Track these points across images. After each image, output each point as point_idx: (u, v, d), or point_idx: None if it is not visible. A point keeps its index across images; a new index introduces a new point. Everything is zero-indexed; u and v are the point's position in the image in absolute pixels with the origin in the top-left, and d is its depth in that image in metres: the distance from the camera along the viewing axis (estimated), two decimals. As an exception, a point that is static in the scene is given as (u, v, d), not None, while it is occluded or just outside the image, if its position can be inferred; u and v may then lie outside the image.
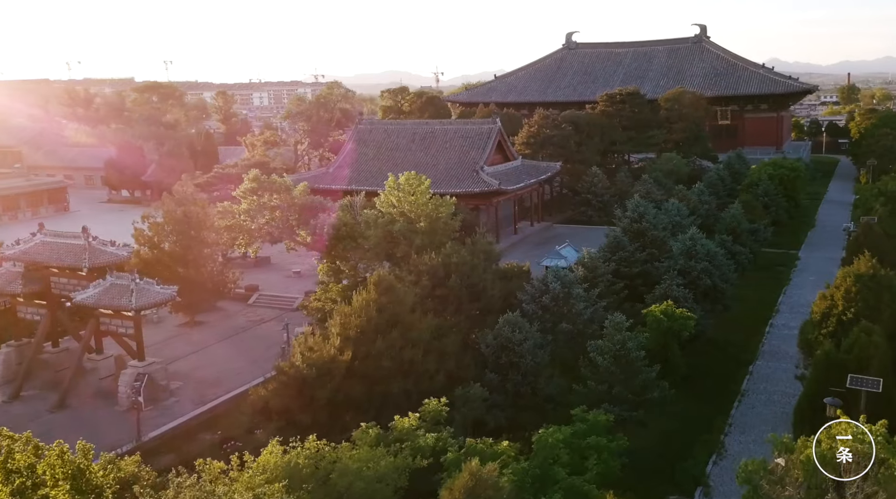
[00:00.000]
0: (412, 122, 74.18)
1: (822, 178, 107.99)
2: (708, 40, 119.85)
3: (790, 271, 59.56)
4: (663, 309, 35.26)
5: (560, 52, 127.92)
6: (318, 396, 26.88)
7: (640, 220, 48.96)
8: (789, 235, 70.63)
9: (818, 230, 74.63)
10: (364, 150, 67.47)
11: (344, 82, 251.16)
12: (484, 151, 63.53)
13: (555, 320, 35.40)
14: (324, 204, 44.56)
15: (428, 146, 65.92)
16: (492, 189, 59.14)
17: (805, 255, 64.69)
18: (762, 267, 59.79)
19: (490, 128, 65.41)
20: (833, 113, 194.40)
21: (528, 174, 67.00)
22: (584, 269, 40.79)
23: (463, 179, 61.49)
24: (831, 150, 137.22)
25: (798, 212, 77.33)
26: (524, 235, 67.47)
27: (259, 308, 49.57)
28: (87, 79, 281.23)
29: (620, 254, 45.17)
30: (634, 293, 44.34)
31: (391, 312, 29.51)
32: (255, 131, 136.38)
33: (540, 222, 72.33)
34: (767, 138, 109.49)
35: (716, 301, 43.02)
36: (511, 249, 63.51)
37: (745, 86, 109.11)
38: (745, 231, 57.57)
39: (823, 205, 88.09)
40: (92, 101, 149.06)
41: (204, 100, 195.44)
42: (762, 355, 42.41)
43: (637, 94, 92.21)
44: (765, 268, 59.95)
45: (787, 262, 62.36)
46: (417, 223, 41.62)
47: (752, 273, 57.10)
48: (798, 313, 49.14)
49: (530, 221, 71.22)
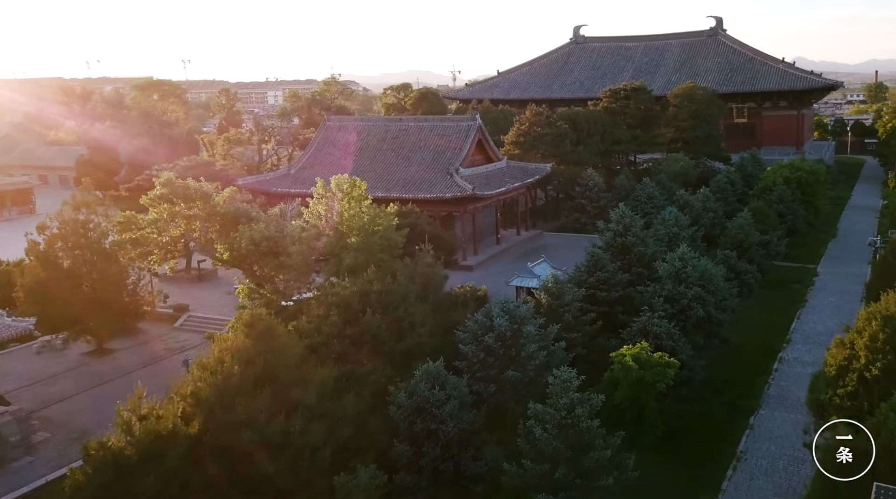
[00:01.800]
0: (385, 119, 66.66)
1: (846, 180, 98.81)
2: (724, 33, 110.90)
3: (807, 290, 51.22)
4: (636, 354, 27.46)
5: (567, 46, 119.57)
6: (144, 486, 19.48)
7: (626, 233, 41.07)
8: (807, 246, 62.15)
9: (840, 241, 65.97)
10: (330, 149, 60.06)
11: (368, 81, 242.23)
12: (461, 152, 55.83)
13: (500, 366, 27.77)
14: (249, 213, 37.13)
15: (400, 146, 58.34)
16: (465, 194, 51.43)
17: (825, 270, 56.24)
18: (774, 284, 51.56)
19: (469, 125, 57.67)
20: (859, 112, 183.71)
21: (513, 177, 59.20)
22: (547, 296, 33.02)
23: (435, 182, 53.88)
24: (857, 150, 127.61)
25: (818, 219, 68.68)
26: (508, 246, 59.68)
27: (185, 332, 42.32)
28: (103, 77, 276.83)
29: (599, 275, 37.31)
30: (615, 323, 36.57)
31: (264, 365, 22.04)
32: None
33: (528, 230, 64.47)
34: (787, 138, 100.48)
35: (710, 334, 35.06)
36: (490, 261, 55.80)
37: (763, 81, 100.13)
38: (755, 244, 49.37)
39: (847, 211, 79.22)
40: (89, 98, 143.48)
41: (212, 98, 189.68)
42: (767, 402, 34.37)
43: (643, 89, 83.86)
44: (777, 285, 51.70)
45: (804, 278, 53.99)
46: (349, 238, 34.12)
47: (762, 291, 48.98)
48: (814, 344, 41.00)
49: (517, 228, 63.38)
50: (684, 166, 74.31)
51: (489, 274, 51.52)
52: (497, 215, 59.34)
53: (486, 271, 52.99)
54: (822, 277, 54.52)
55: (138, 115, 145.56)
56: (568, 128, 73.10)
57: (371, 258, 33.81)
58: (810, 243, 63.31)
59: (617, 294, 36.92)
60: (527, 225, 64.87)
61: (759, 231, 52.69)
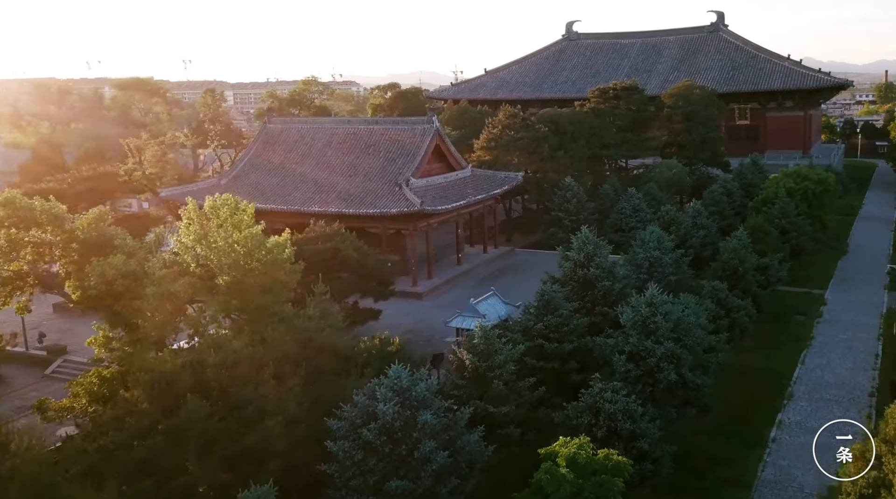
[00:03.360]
0: (332, 120, 58.63)
1: (857, 187, 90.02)
2: (726, 29, 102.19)
3: (813, 324, 42.88)
4: (572, 455, 19.33)
5: (559, 43, 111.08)
6: None
7: (588, 263, 32.88)
8: (813, 266, 53.73)
9: (852, 258, 57.51)
10: (270, 155, 52.07)
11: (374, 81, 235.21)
12: (413, 159, 47.73)
13: (384, 471, 19.71)
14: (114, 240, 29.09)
15: (347, 151, 50.27)
16: (412, 210, 43.38)
17: (834, 297, 47.88)
18: (775, 315, 43.26)
19: (424, 129, 49.53)
20: (869, 112, 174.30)
21: (478, 188, 51.08)
22: (471, 357, 24.90)
23: (382, 195, 45.85)
24: (868, 153, 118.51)
25: (825, 234, 60.15)
26: (471, 266, 51.55)
27: (56, 381, 34.45)
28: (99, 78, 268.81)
29: (550, 320, 29.11)
30: (566, 384, 28.51)
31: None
32: (242, 130, 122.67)
33: (497, 248, 56.25)
34: (793, 140, 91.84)
35: (686, 402, 26.89)
36: (445, 287, 47.68)
37: (767, 80, 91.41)
38: (751, 270, 41.06)
39: (858, 223, 70.64)
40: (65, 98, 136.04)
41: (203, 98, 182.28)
42: (761, 491, 26.18)
43: (635, 88, 75.52)
44: (778, 317, 43.39)
45: (810, 307, 45.65)
46: (219, 276, 26.14)
47: (761, 324, 40.76)
48: (821, 401, 32.81)
49: (484, 245, 55.21)
50: (677, 173, 65.95)
51: (440, 304, 43.45)
52: (458, 232, 51.17)
53: (437, 300, 44.93)
54: (831, 305, 46.15)
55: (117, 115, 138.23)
56: (548, 131, 64.94)
57: (248, 304, 25.85)
58: (817, 262, 54.88)
59: (571, 345, 28.73)
60: (496, 241, 56.65)
61: (758, 252, 44.37)
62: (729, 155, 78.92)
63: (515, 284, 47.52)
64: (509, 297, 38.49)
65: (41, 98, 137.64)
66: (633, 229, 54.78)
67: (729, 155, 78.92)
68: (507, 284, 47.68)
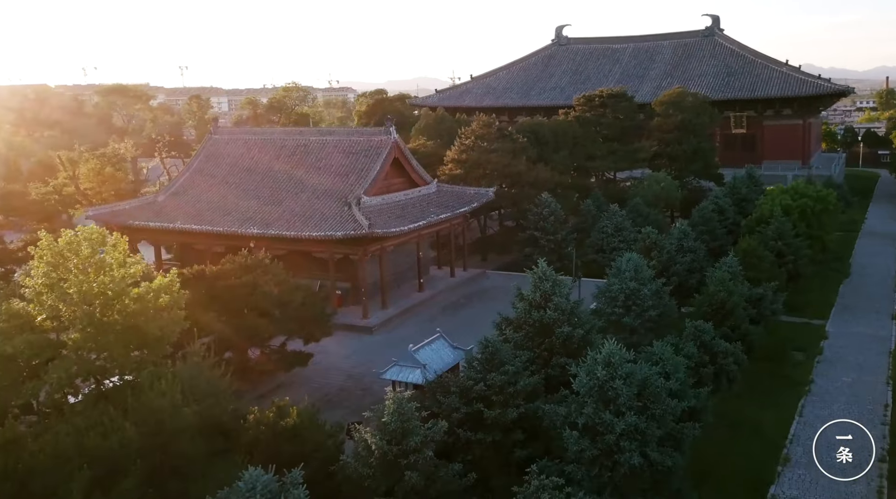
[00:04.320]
0: (282, 131, 53.27)
1: (859, 199, 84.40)
2: (721, 33, 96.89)
3: (812, 363, 37.42)
4: None
5: (549, 48, 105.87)
6: None
7: (545, 304, 27.53)
8: (813, 291, 48.32)
9: (855, 282, 52.03)
10: (213, 170, 46.79)
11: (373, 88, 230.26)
12: (367, 174, 42.44)
13: None
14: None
15: (296, 165, 44.98)
16: (359, 233, 38.08)
17: (836, 329, 42.44)
18: (769, 354, 37.69)
19: (381, 141, 44.21)
20: (870, 119, 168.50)
21: (443, 206, 45.80)
22: (381, 439, 19.53)
23: (329, 215, 40.56)
24: (870, 162, 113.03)
25: (825, 254, 54.58)
26: (434, 293, 46.21)
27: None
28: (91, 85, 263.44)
29: (494, 378, 23.74)
30: (510, 461, 23.16)
31: None
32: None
33: (466, 270, 50.86)
34: (792, 150, 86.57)
35: (656, 491, 21.49)
36: (402, 318, 42.29)
37: (764, 87, 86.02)
38: (742, 304, 35.67)
39: (861, 239, 65.14)
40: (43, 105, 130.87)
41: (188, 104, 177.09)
42: None
43: (623, 96, 70.20)
44: (773, 355, 37.78)
45: (809, 342, 40.21)
46: (70, 330, 20.83)
47: (753, 362, 35.33)
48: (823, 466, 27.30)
49: (451, 268, 49.88)
50: (666, 187, 60.63)
51: (393, 339, 38.05)
52: (419, 255, 45.80)
53: (390, 334, 39.56)
54: (832, 340, 40.70)
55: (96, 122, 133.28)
56: (527, 141, 59.70)
57: (112, 363, 20.55)
58: (817, 286, 49.45)
59: (517, 411, 23.36)
60: (465, 263, 51.23)
61: (750, 280, 38.99)
62: (724, 165, 73.80)
63: (481, 314, 42.03)
64: (471, 330, 33.14)
65: (17, 105, 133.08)
66: (616, 250, 49.58)
67: (724, 165, 73.80)
68: (471, 315, 42.39)
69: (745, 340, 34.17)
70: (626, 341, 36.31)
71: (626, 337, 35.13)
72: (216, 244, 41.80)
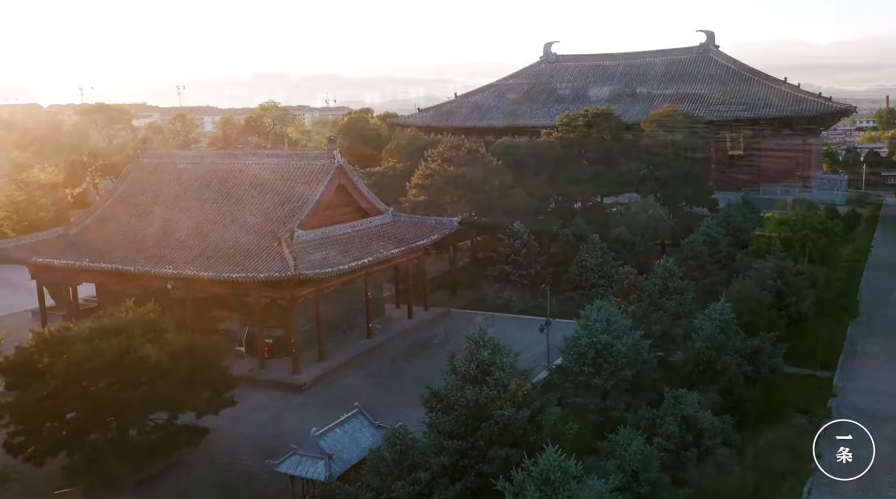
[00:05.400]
0: (215, 155, 47.61)
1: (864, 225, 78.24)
2: (716, 50, 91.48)
3: (816, 432, 31.17)
4: None
5: (537, 65, 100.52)
6: None
7: (483, 377, 21.54)
8: (817, 334, 42.12)
9: (864, 322, 45.92)
10: (138, 198, 41.02)
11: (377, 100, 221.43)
12: (305, 204, 36.62)
13: None
14: None
15: (228, 194, 39.18)
16: (283, 276, 32.17)
17: (846, 382, 36.37)
18: (768, 414, 31.56)
19: (324, 165, 38.39)
20: (872, 139, 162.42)
21: (396, 239, 39.94)
22: None
23: (257, 252, 34.69)
24: (873, 184, 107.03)
25: (830, 291, 48.38)
26: (385, 339, 40.16)
27: None
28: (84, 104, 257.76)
29: (401, 490, 17.69)
30: None
31: None
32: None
33: (428, 310, 44.82)
34: (791, 172, 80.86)
35: None
36: (342, 372, 36.14)
37: (762, 106, 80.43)
38: (734, 363, 29.66)
39: (868, 272, 58.64)
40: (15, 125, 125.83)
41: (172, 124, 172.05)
42: None
43: (609, 115, 64.40)
44: (772, 420, 31.66)
45: (814, 402, 33.97)
46: None
47: (747, 430, 29.26)
48: None
49: (408, 308, 43.90)
50: (654, 215, 54.71)
51: (325, 401, 31.97)
52: (368, 296, 39.80)
53: (323, 394, 33.42)
54: (842, 397, 34.64)
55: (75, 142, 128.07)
56: (501, 164, 54.02)
57: None
58: (821, 328, 43.15)
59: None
60: (426, 302, 45.18)
61: (745, 327, 33.04)
62: (720, 189, 67.90)
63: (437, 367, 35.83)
64: (421, 389, 27.05)
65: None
66: (595, 287, 43.81)
67: (720, 189, 67.90)
68: (425, 368, 35.92)
69: (738, 406, 28.26)
70: (596, 407, 30.32)
71: (596, 402, 29.36)
72: (131, 286, 35.88)
